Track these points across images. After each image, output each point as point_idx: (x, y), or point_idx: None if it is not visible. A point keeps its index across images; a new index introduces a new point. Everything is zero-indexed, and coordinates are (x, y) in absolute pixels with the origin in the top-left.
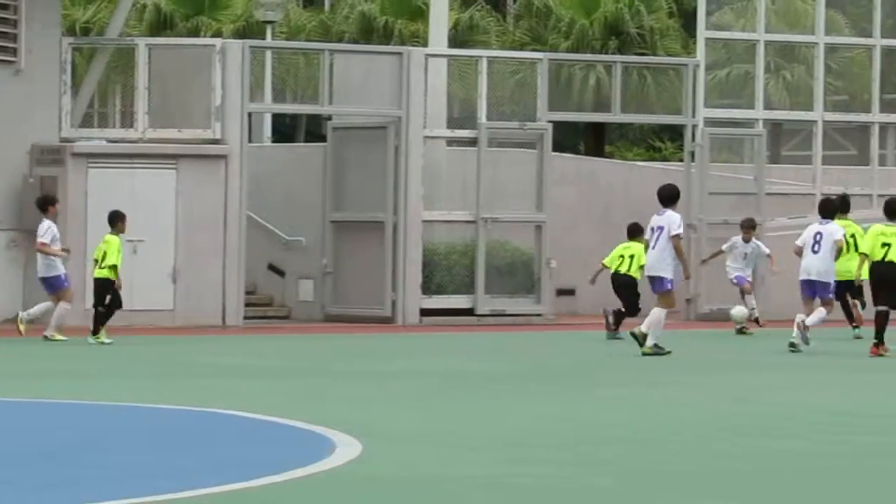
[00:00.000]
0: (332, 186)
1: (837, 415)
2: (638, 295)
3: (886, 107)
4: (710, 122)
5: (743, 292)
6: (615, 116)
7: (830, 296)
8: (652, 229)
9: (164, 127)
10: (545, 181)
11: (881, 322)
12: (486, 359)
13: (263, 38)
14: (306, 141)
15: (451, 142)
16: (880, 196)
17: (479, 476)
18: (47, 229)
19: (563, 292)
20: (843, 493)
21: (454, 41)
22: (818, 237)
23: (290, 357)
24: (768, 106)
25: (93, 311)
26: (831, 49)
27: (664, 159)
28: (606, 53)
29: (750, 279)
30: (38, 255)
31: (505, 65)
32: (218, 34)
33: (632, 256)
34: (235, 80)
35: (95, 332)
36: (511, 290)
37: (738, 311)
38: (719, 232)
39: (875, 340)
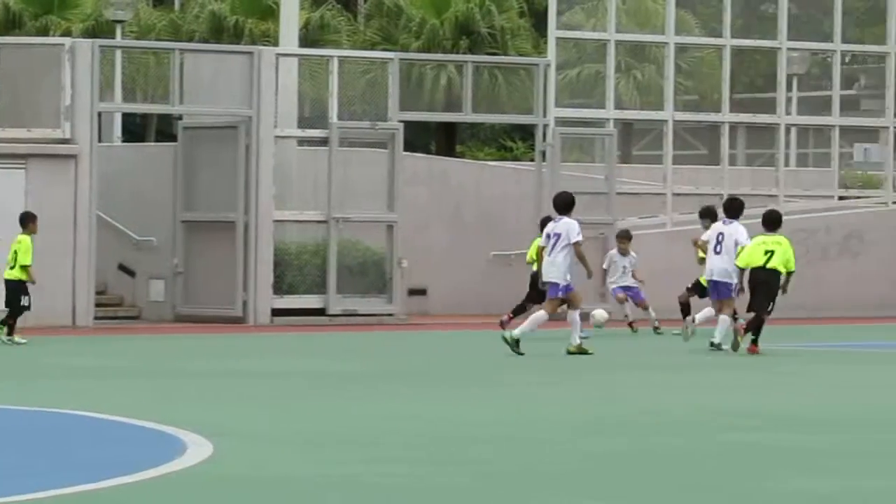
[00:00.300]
0: (183, 186)
1: (710, 413)
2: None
3: (736, 106)
4: (561, 122)
5: (626, 303)
6: (466, 116)
7: (732, 295)
8: (548, 236)
9: (13, 126)
10: (396, 181)
11: (757, 323)
12: (339, 359)
13: (113, 38)
14: (157, 141)
15: (303, 141)
16: (731, 196)
17: (332, 475)
18: None
19: (414, 292)
20: (709, 490)
21: (305, 41)
22: (720, 237)
23: (140, 357)
24: (619, 105)
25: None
26: (681, 49)
27: (515, 159)
28: (457, 53)
29: (641, 294)
30: None
31: (356, 64)
32: (67, 33)
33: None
34: (85, 80)
35: (10, 333)
36: (363, 289)
37: (599, 313)
38: None
39: (754, 337)
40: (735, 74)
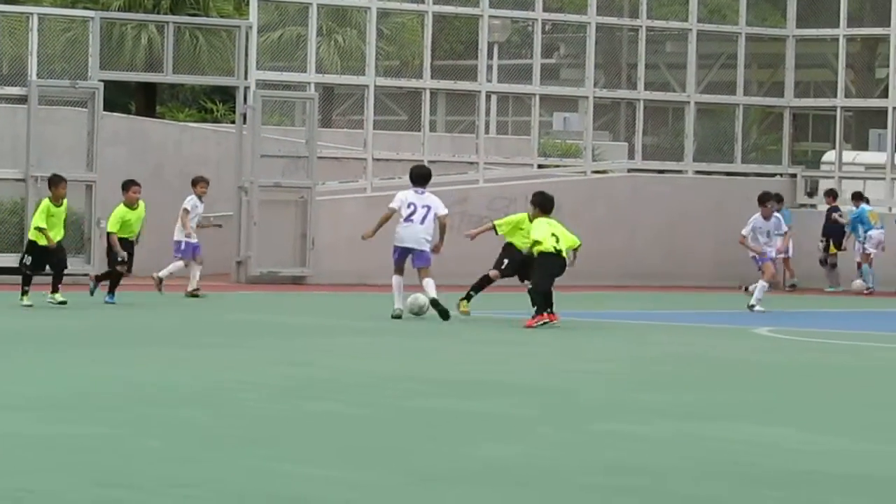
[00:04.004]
0: None
1: (384, 379)
2: None
3: (437, 73)
4: (263, 85)
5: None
6: (167, 77)
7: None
8: (412, 205)
9: None
10: (96, 140)
11: None
12: (32, 318)
13: None
14: None
15: (1, 99)
16: (430, 162)
17: (24, 435)
18: None
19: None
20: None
21: None
22: None
23: None
24: (320, 69)
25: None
26: (383, 14)
27: (216, 121)
28: (158, 13)
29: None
30: None
31: (56, 22)
32: None
33: None
34: None
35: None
36: None
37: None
38: (272, 195)
39: None
40: (436, 41)
